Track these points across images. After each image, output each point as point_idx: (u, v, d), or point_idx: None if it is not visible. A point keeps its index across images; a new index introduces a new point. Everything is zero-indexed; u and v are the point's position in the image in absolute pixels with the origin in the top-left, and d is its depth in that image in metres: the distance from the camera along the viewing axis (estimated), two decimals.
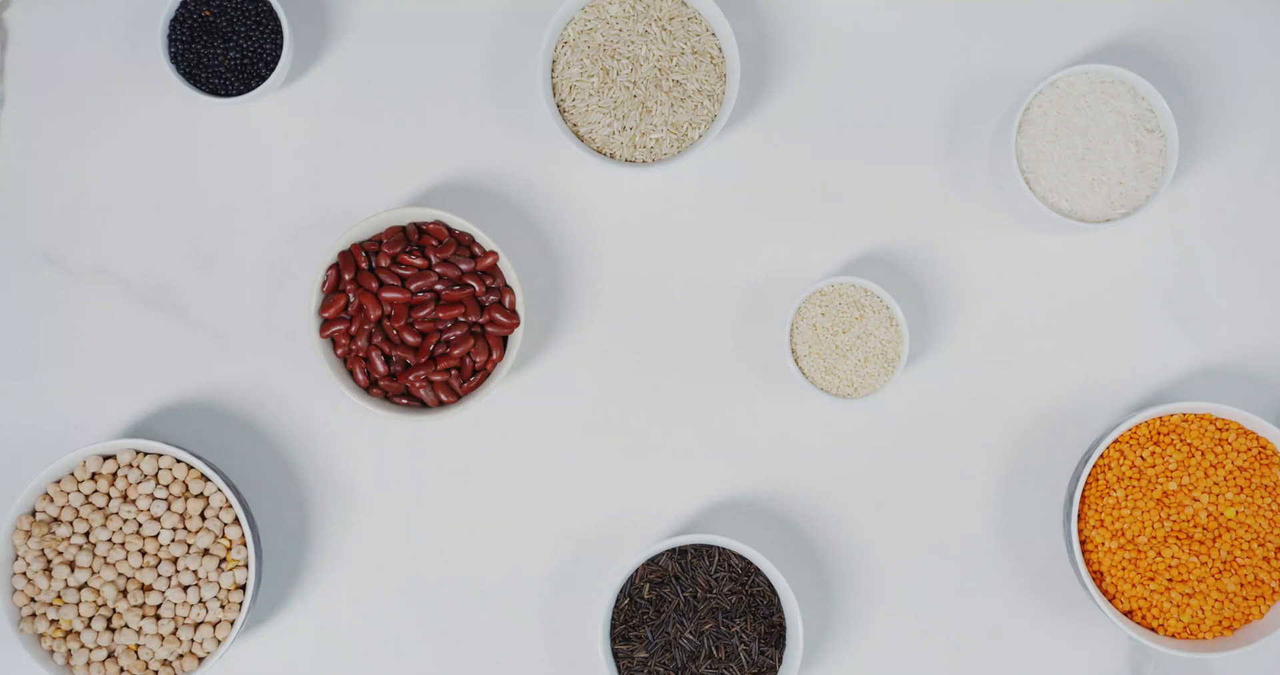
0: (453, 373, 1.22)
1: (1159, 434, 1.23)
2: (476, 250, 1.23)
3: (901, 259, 1.28)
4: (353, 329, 1.21)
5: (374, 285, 1.22)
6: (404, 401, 1.23)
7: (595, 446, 1.27)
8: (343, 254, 1.22)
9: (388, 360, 1.22)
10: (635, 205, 1.29)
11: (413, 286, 1.21)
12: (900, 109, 1.29)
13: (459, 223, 1.22)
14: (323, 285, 1.22)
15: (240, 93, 1.24)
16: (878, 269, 1.28)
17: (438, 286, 1.22)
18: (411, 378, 1.21)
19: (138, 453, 1.22)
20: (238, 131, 1.28)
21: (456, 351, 1.21)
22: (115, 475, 1.21)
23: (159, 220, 1.28)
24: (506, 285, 1.23)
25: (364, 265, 1.22)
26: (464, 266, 1.22)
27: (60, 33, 1.28)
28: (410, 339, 1.21)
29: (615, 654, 1.22)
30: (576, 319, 1.28)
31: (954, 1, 1.30)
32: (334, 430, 1.27)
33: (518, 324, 1.22)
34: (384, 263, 1.22)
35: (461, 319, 1.22)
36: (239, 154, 1.28)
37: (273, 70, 1.24)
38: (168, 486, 1.21)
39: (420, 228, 1.23)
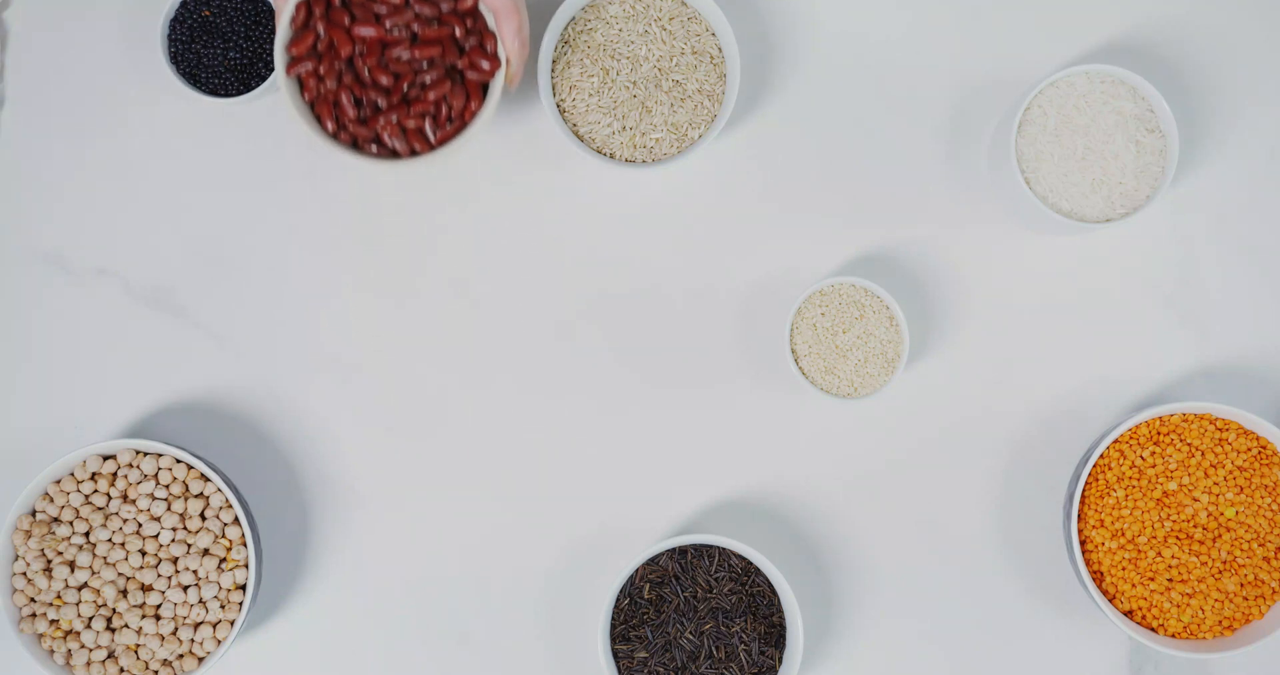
0: (427, 118, 1.13)
1: (1159, 434, 1.23)
2: None
3: (901, 259, 1.28)
4: (322, 69, 1.12)
5: (346, 20, 1.12)
6: (374, 149, 1.13)
7: (595, 446, 1.27)
8: None
9: (358, 103, 1.12)
10: (635, 205, 1.29)
11: (387, 23, 1.12)
12: (900, 109, 1.29)
13: None
14: (292, 20, 1.12)
15: (240, 93, 1.24)
16: (878, 269, 1.28)
17: (414, 26, 1.12)
18: (382, 121, 1.12)
19: (138, 453, 1.22)
20: (238, 131, 1.28)
21: (431, 95, 1.12)
22: (115, 475, 1.21)
23: (159, 220, 1.28)
24: (489, 29, 1.14)
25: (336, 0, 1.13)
26: (444, 5, 1.13)
27: (60, 33, 1.28)
28: (383, 80, 1.12)
29: (615, 654, 1.22)
30: (576, 318, 1.28)
31: (954, 2, 1.30)
32: (334, 430, 1.27)
33: (499, 68, 1.13)
34: None
35: (438, 60, 1.12)
36: (239, 154, 1.28)
37: (273, 70, 1.24)
38: (168, 486, 1.21)
39: None
